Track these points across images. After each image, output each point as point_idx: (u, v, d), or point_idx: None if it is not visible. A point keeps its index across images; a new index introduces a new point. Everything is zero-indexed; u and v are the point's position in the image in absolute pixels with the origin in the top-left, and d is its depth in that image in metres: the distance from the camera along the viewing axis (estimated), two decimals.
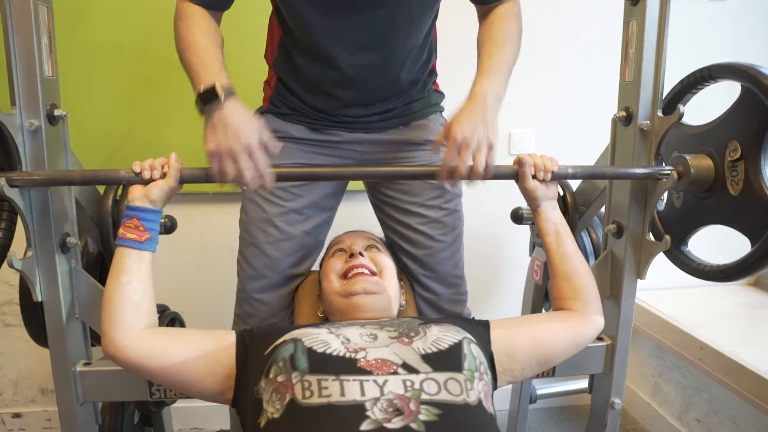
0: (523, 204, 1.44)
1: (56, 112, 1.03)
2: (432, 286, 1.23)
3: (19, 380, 1.94)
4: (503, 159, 1.94)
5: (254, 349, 0.90)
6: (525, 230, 1.75)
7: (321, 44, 1.05)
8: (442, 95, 1.27)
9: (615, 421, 1.26)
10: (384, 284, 1.04)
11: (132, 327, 0.89)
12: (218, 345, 0.91)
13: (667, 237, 1.10)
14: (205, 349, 0.90)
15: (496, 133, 0.99)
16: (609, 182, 1.21)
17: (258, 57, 1.24)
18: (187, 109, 1.04)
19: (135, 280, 0.91)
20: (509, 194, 1.82)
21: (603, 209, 1.29)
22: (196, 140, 0.99)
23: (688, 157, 1.07)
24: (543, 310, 1.63)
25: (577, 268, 1.04)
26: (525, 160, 1.03)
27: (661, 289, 2.05)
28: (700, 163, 1.07)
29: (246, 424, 0.87)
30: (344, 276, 1.04)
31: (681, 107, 1.05)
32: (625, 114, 1.14)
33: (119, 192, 1.31)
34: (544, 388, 1.74)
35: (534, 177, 1.03)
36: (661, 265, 1.18)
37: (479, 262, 1.29)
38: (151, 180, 0.94)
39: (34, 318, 1.19)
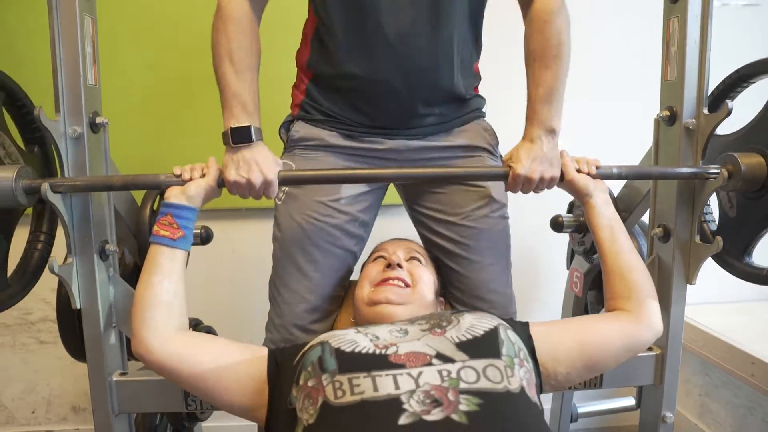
0: (557, 211, 1.42)
1: (98, 120, 1.04)
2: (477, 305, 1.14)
3: (52, 398, 1.95)
4: None
5: (284, 362, 0.88)
6: (561, 242, 1.71)
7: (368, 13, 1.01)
8: (483, 100, 1.21)
9: None
10: (413, 297, 0.99)
11: (163, 327, 0.88)
12: (250, 357, 0.89)
13: (719, 238, 1.05)
14: (237, 359, 0.88)
15: (557, 163, 1.02)
16: (653, 185, 1.17)
17: (286, 62, 1.21)
18: (215, 125, 1.04)
19: (167, 280, 0.90)
20: (545, 204, 1.79)
21: (645, 216, 1.25)
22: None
23: (737, 155, 1.04)
24: None
25: (632, 264, 0.99)
26: (563, 153, 1.02)
27: (704, 303, 1.97)
28: (750, 160, 1.03)
29: None
30: (377, 285, 1.01)
31: (729, 102, 1.02)
32: (668, 113, 1.11)
33: (156, 203, 1.32)
34: (586, 406, 1.67)
35: (578, 171, 1.01)
36: (702, 278, 1.13)
37: (514, 275, 1.22)
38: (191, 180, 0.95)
39: (71, 330, 1.19)
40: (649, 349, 1.19)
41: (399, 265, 1.03)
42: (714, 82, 1.11)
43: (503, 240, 1.16)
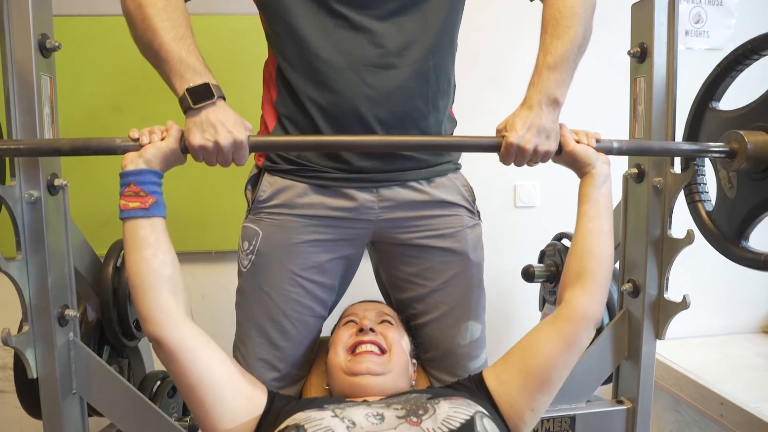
0: (525, 260, 1.39)
1: (56, 182, 1.00)
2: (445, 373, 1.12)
3: None
4: (509, 212, 1.93)
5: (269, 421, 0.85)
6: (533, 288, 1.72)
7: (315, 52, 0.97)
8: (454, 122, 1.15)
9: None
10: (391, 364, 0.97)
11: (174, 308, 0.83)
12: (251, 393, 0.87)
13: (687, 296, 1.06)
14: (237, 377, 0.87)
15: (555, 137, 0.95)
16: (623, 240, 1.18)
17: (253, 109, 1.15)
18: (190, 167, 0.99)
19: (159, 252, 0.84)
20: (515, 246, 1.79)
21: (617, 266, 1.26)
22: (203, 202, 0.94)
23: (742, 132, 0.98)
24: None
25: (596, 249, 0.94)
26: (562, 125, 0.97)
27: (675, 339, 1.99)
28: (756, 138, 0.97)
29: None
30: (351, 351, 0.99)
31: (694, 165, 1.03)
32: (636, 171, 1.12)
33: (121, 259, 1.28)
34: None
35: (578, 142, 0.96)
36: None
37: (488, 316, 1.20)
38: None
39: (29, 392, 1.14)
40: (620, 402, 1.20)
41: (371, 329, 1.01)
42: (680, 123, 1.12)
43: (477, 294, 1.13)
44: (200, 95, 0.89)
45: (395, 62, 0.99)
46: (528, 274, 1.31)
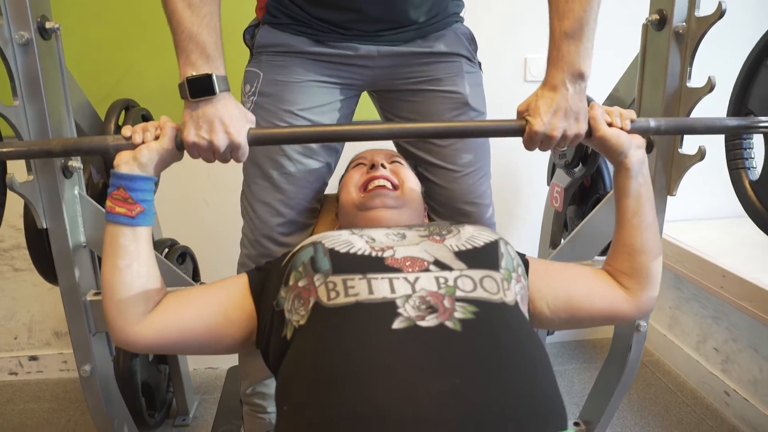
0: None
1: (48, 25, 0.96)
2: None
3: (33, 324, 1.94)
4: (519, 86, 1.88)
5: (270, 268, 0.84)
6: (541, 159, 1.70)
7: None
8: (461, 4, 1.14)
9: (640, 344, 1.23)
10: (405, 198, 0.97)
11: (142, 312, 0.79)
12: (231, 290, 0.84)
13: (702, 147, 1.03)
14: (219, 300, 0.83)
15: (584, 117, 0.86)
16: (638, 93, 1.13)
17: None
18: None
19: (135, 262, 0.79)
20: None
21: None
22: None
23: None
24: (562, 240, 1.59)
25: (646, 245, 0.89)
26: (593, 104, 0.88)
27: (679, 220, 2.00)
28: None
29: (269, 352, 0.80)
30: (364, 188, 0.97)
31: (723, 3, 0.96)
32: (657, 17, 1.06)
33: (121, 118, 1.26)
34: None
35: (610, 125, 0.87)
36: (677, 196, 1.11)
37: (493, 191, 1.20)
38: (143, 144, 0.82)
39: (41, 252, 1.15)
40: None
41: (383, 165, 0.99)
42: None
43: (481, 148, 1.13)
44: (200, 88, 0.81)
45: None
46: None
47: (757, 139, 1.02)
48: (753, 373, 1.63)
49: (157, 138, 0.82)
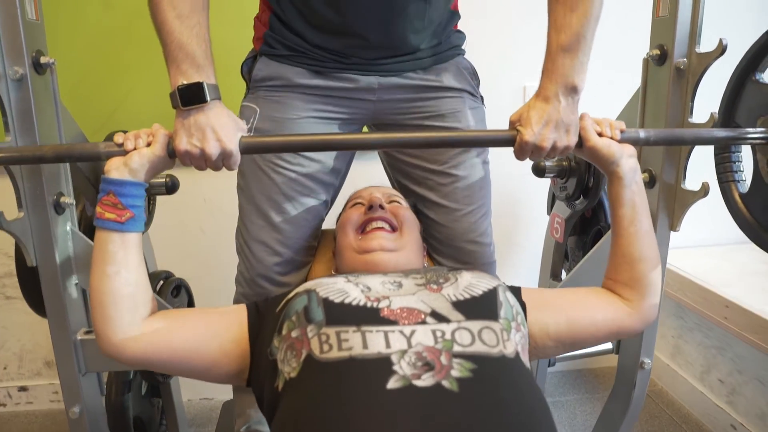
0: (532, 162, 1.36)
1: (43, 60, 0.94)
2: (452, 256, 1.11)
3: (24, 353, 1.90)
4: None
5: (266, 311, 0.82)
6: (542, 187, 1.68)
7: None
8: (462, 36, 1.13)
9: (644, 381, 1.21)
10: (403, 241, 0.95)
11: (130, 323, 0.78)
12: (230, 322, 0.82)
13: (706, 183, 1.02)
14: (216, 329, 0.81)
15: (574, 130, 0.87)
16: (640, 127, 1.12)
17: None
18: None
19: (124, 270, 0.79)
20: None
21: None
22: None
23: None
24: (563, 272, 1.57)
25: (644, 253, 0.89)
26: (583, 115, 0.89)
27: (680, 247, 1.98)
28: None
29: (263, 398, 0.78)
30: (362, 230, 0.96)
31: (724, 40, 0.96)
32: (658, 52, 1.05)
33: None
34: None
35: (600, 135, 0.88)
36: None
37: (494, 220, 1.18)
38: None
39: (32, 286, 1.13)
40: None
41: (381, 206, 0.97)
42: (707, 22, 1.03)
43: (484, 187, 1.12)
44: (191, 96, 0.81)
45: None
46: (539, 170, 1.27)
47: (745, 153, 1.02)
48: (760, 406, 1.59)
49: (149, 145, 0.82)
